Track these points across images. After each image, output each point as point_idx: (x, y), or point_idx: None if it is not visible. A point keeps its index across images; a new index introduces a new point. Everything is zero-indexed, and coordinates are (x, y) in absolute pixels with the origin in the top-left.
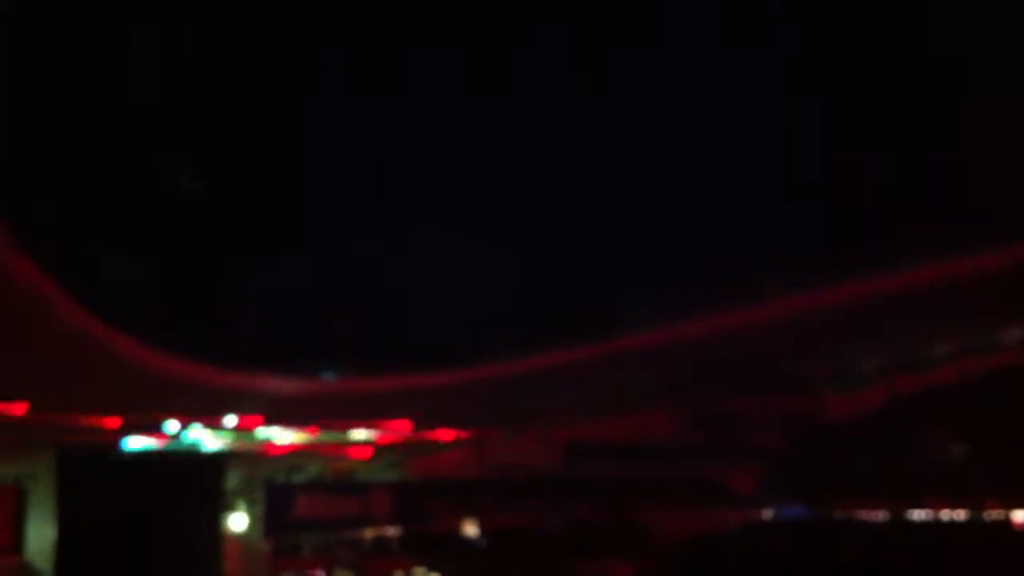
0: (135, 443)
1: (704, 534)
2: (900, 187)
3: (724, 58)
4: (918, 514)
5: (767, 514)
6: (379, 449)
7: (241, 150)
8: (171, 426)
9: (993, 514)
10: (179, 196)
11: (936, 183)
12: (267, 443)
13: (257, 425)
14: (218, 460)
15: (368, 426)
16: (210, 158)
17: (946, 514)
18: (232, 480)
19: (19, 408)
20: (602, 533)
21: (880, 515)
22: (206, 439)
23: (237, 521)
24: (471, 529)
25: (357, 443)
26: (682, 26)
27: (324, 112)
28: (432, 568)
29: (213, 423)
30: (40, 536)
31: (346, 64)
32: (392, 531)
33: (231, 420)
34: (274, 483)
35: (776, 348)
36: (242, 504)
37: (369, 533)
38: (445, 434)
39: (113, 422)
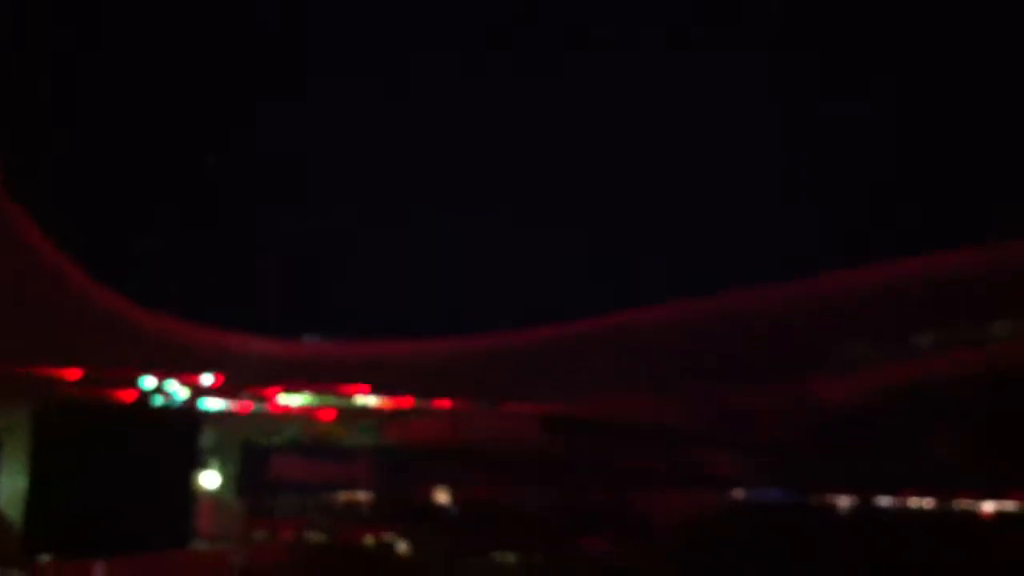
0: (113, 398)
1: (690, 516)
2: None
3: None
4: (889, 501)
5: (755, 497)
6: (359, 414)
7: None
8: (148, 382)
9: (971, 504)
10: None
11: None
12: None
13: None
14: (194, 418)
15: (349, 392)
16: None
17: (921, 503)
18: (207, 439)
19: None
20: (583, 511)
21: (863, 500)
22: (204, 400)
23: (211, 480)
24: (447, 498)
25: (345, 408)
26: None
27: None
28: (405, 535)
29: (191, 381)
30: (14, 488)
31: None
32: (367, 496)
33: (208, 379)
34: (250, 444)
35: (772, 334)
36: (217, 463)
37: (344, 498)
38: (422, 403)
39: (89, 376)
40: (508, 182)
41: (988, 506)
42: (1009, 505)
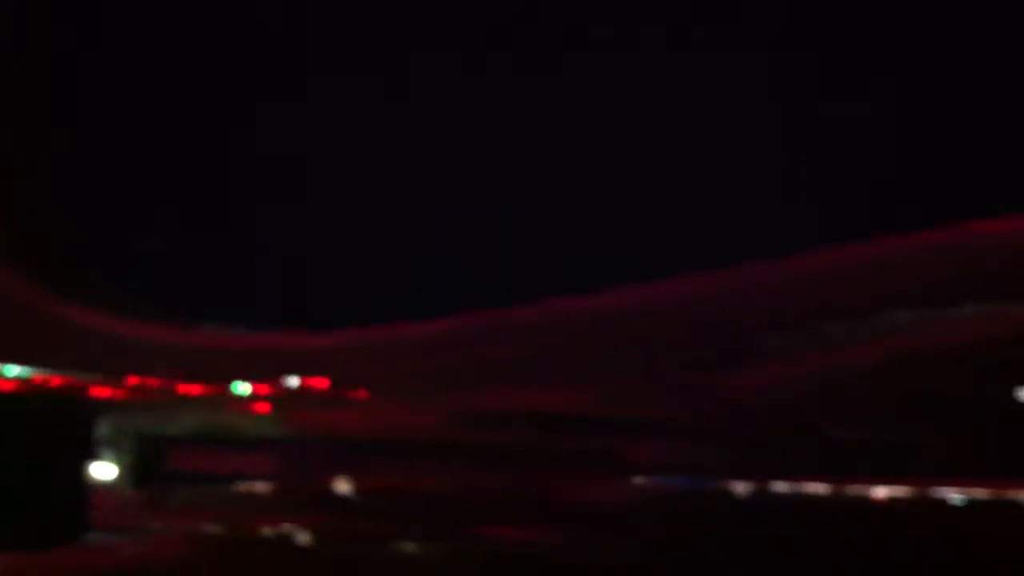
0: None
1: (600, 503)
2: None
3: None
4: (794, 487)
5: (665, 484)
6: (259, 404)
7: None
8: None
9: (879, 490)
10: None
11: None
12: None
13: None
14: (86, 407)
15: (248, 381)
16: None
17: (835, 489)
18: (102, 429)
19: None
20: (489, 500)
21: (774, 487)
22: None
23: (105, 470)
24: (349, 488)
25: (239, 397)
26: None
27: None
28: (304, 526)
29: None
30: None
31: None
32: (267, 487)
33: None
34: (145, 434)
35: (684, 325)
36: (111, 454)
37: (243, 488)
38: (314, 391)
39: None
40: (507, 182)
41: (893, 491)
42: (920, 491)
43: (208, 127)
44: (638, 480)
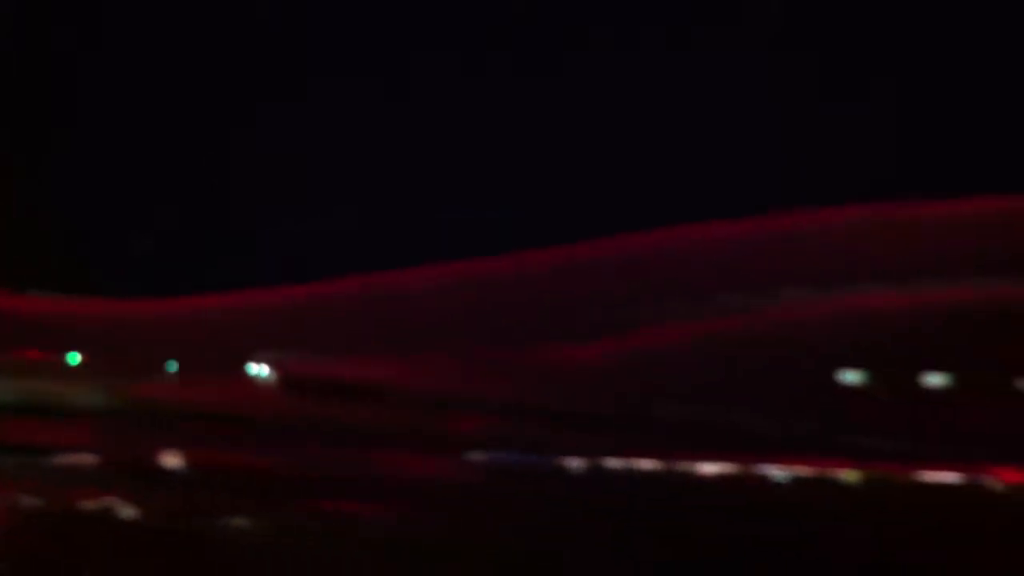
0: None
1: (432, 478)
2: None
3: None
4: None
5: (503, 460)
6: (81, 373)
7: None
8: None
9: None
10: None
11: None
12: None
13: None
14: None
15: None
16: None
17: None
18: None
19: None
20: (321, 473)
21: (606, 463)
22: None
23: None
24: (176, 461)
25: (69, 367)
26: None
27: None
28: (127, 500)
29: None
30: None
31: None
32: (89, 459)
33: None
34: None
35: (523, 299)
36: None
37: (64, 461)
38: (151, 364)
39: None
40: (508, 181)
41: (719, 467)
42: (745, 467)
43: (208, 127)
44: (471, 456)
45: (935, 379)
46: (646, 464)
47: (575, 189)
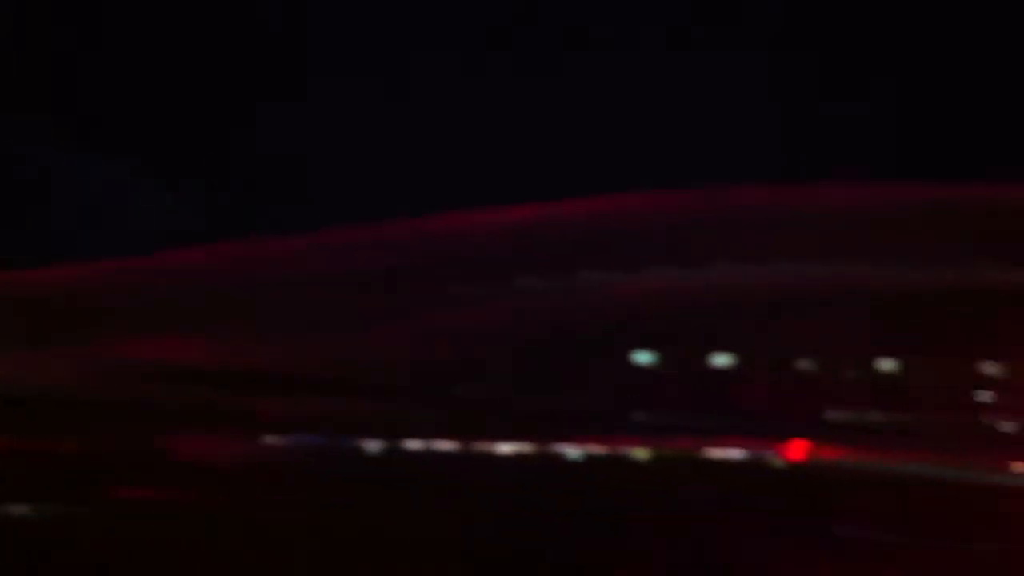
0: None
1: (232, 461)
2: None
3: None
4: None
5: (302, 442)
6: None
7: None
8: None
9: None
10: None
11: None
12: None
13: None
14: None
15: None
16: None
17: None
18: None
19: None
20: (117, 457)
21: (405, 444)
22: None
23: None
24: None
25: None
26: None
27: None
28: None
29: None
30: None
31: None
32: None
33: None
34: None
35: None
36: None
37: None
38: None
39: None
40: (508, 182)
41: (518, 448)
42: (542, 447)
43: (208, 127)
44: (268, 438)
45: (721, 359)
46: (443, 445)
47: (575, 189)
